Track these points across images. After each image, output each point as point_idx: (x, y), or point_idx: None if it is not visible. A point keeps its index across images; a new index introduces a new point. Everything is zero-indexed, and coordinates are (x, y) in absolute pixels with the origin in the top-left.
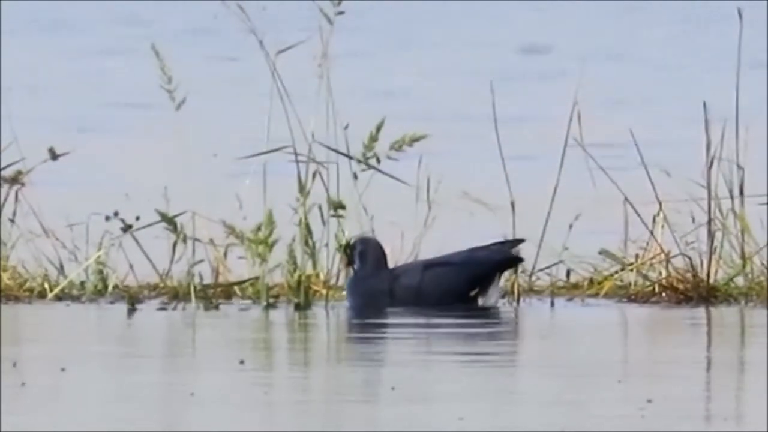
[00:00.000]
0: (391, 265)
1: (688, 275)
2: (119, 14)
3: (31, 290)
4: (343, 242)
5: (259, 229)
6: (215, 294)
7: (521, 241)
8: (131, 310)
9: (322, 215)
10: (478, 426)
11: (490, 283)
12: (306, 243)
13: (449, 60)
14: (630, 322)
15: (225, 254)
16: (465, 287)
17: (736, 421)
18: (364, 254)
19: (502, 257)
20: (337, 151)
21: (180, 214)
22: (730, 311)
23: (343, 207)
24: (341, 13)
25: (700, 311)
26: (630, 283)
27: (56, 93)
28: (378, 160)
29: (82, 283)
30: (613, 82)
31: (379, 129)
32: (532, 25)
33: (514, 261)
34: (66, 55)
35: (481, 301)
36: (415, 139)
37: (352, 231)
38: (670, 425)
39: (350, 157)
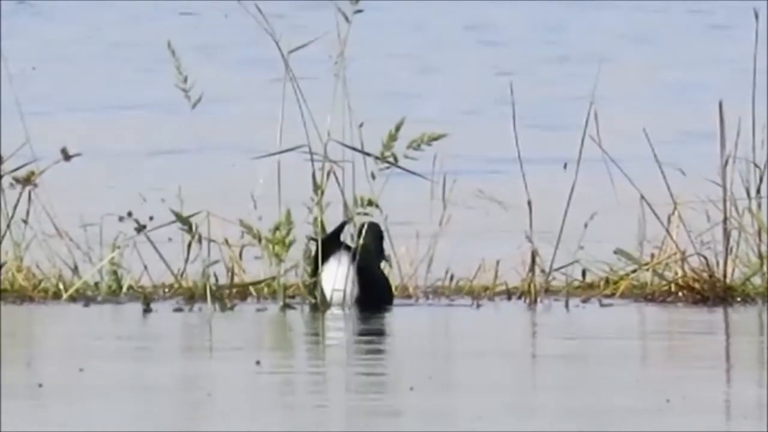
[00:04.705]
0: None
1: (705, 275)
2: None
3: (45, 291)
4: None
5: (277, 228)
6: (231, 294)
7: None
8: (146, 311)
9: (346, 212)
10: (496, 425)
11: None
12: None
13: (466, 57)
14: (647, 322)
15: (240, 254)
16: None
17: (755, 420)
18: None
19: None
20: (356, 150)
21: (195, 214)
22: (747, 311)
23: (376, 205)
24: (359, 11)
25: (717, 311)
26: (646, 283)
27: (68, 92)
28: (396, 159)
29: (97, 284)
30: (628, 79)
31: (398, 128)
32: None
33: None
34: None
35: (325, 289)
36: (434, 138)
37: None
38: (690, 424)
39: (368, 155)
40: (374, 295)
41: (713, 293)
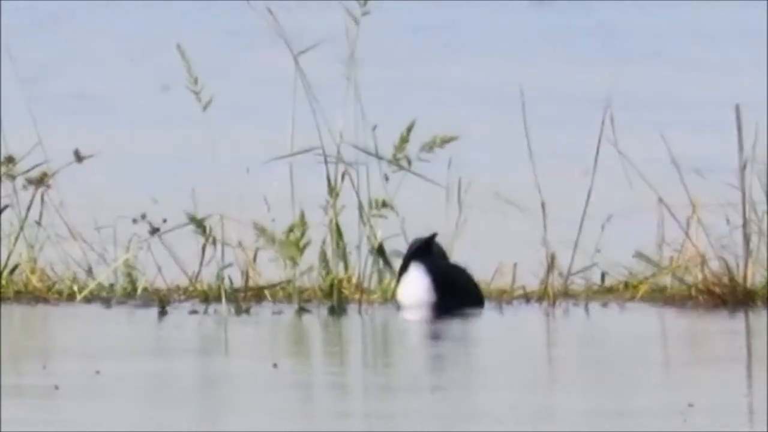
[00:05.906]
0: None
1: (725, 278)
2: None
3: (60, 293)
4: (377, 244)
5: (291, 230)
6: (246, 297)
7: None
8: (162, 313)
9: (361, 215)
10: (516, 428)
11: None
12: (337, 245)
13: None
14: (667, 326)
15: (254, 257)
16: None
17: None
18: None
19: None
20: (368, 153)
21: (209, 217)
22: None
23: (391, 207)
24: (367, 13)
25: (738, 314)
26: (666, 287)
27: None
28: (409, 162)
29: (111, 286)
30: (646, 82)
31: (410, 130)
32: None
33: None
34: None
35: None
36: (446, 141)
37: (383, 233)
38: (711, 427)
39: (381, 158)
40: (458, 300)
41: (733, 297)
